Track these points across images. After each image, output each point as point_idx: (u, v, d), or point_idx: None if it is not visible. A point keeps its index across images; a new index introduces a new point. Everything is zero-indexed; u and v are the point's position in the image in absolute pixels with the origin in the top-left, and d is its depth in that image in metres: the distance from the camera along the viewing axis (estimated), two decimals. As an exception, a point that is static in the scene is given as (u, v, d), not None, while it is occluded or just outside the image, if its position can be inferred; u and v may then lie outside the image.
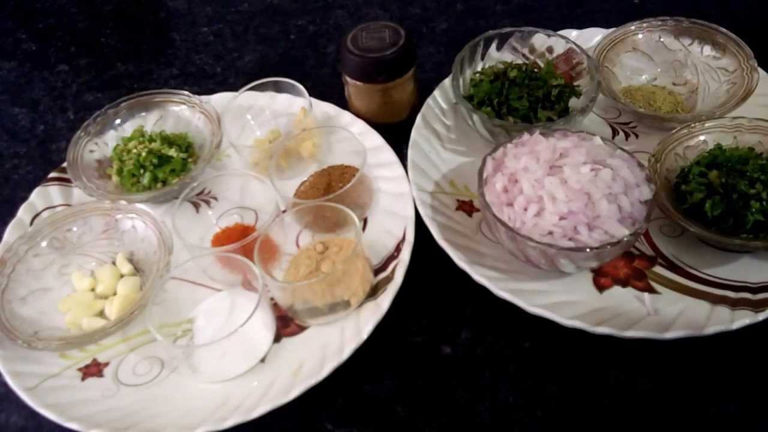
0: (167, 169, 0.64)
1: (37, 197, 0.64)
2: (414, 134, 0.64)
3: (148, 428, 0.47)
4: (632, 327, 0.48)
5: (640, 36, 0.69)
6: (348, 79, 0.65)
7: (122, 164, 0.64)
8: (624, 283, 0.53)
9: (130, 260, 0.59)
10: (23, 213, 0.63)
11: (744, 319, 0.48)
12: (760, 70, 0.62)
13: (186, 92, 0.69)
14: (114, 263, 0.59)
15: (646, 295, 0.52)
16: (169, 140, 0.66)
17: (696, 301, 0.50)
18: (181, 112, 0.69)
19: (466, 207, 0.60)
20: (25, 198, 0.64)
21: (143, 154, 0.63)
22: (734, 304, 0.49)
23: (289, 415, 0.49)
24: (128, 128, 0.68)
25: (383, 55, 0.62)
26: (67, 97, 0.81)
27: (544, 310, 0.49)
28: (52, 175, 0.66)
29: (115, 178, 0.65)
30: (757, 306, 0.49)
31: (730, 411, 0.47)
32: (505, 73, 0.64)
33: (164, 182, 0.64)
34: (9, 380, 0.50)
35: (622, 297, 0.52)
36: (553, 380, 0.50)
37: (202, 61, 0.83)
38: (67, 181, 0.66)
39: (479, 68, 0.67)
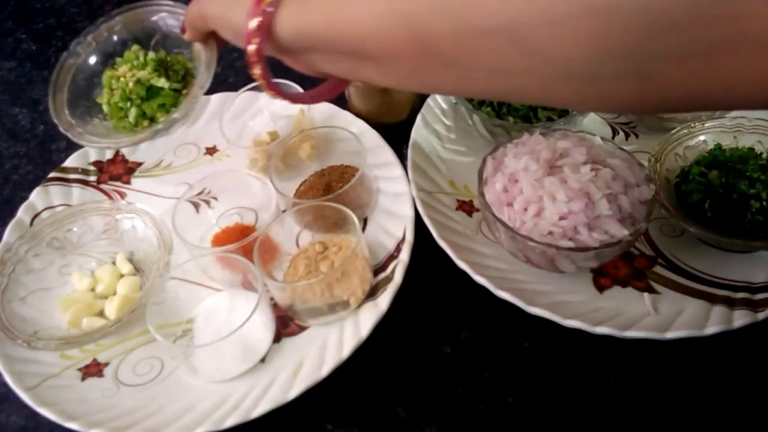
0: (155, 103, 0.54)
1: (37, 197, 0.64)
2: (414, 134, 0.64)
3: (148, 428, 0.47)
4: (632, 327, 0.48)
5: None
6: (348, 79, 0.65)
7: (111, 93, 0.56)
8: (624, 283, 0.53)
9: (130, 260, 0.59)
10: (23, 213, 0.63)
11: (744, 319, 0.48)
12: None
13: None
14: (114, 263, 0.59)
15: (646, 295, 0.52)
16: (164, 64, 0.56)
17: (696, 301, 0.50)
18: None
19: (466, 207, 0.60)
20: (25, 198, 0.64)
21: (131, 84, 0.54)
22: (734, 304, 0.49)
23: (289, 415, 0.49)
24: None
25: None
26: (67, 97, 0.80)
27: (544, 310, 0.49)
28: (52, 175, 0.66)
29: (105, 108, 0.57)
30: (757, 306, 0.49)
31: (730, 411, 0.47)
32: (505, 73, 0.63)
33: (152, 119, 0.55)
34: (9, 380, 0.50)
35: (622, 297, 0.52)
36: (553, 380, 0.50)
37: (202, 61, 0.83)
38: (67, 181, 0.66)
39: (479, 68, 0.67)
